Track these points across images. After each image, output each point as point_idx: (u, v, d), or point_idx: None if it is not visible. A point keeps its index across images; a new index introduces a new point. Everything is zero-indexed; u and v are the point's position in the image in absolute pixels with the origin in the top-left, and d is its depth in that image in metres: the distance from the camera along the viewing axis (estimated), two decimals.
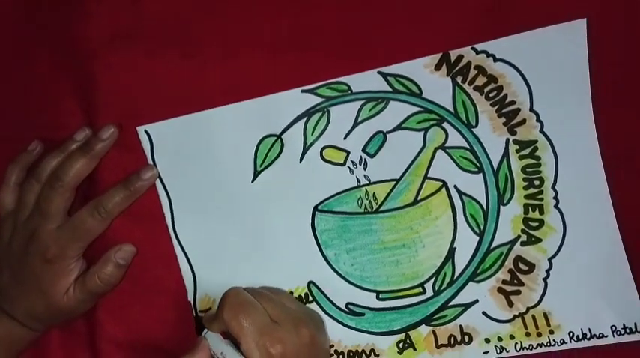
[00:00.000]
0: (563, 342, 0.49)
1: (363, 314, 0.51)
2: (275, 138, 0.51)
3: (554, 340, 0.49)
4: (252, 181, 0.51)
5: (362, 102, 0.50)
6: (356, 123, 0.50)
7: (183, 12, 0.51)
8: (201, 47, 0.50)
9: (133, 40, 0.51)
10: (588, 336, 0.49)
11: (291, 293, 0.52)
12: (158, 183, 0.52)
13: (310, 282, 0.52)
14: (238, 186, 0.51)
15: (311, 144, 0.50)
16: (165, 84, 0.51)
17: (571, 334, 0.49)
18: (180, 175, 0.52)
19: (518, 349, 0.50)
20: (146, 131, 0.52)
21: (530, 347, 0.49)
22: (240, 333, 0.44)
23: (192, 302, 0.53)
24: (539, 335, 0.49)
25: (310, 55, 0.49)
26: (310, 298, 0.52)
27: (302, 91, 0.50)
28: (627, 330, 0.48)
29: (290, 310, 0.47)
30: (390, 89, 0.49)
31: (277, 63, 0.50)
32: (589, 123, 0.47)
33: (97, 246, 0.52)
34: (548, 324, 0.49)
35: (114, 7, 0.51)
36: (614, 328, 0.48)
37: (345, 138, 0.50)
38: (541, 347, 0.49)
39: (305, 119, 0.50)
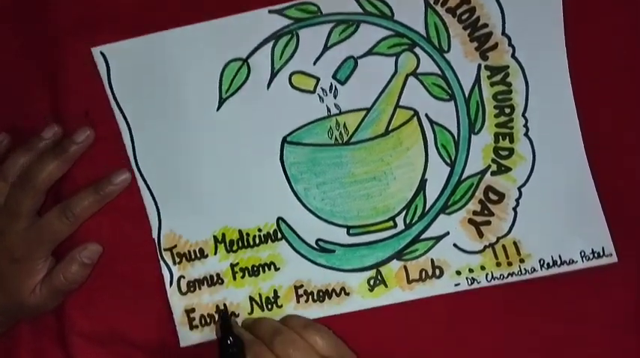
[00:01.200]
0: (534, 270, 0.49)
1: (333, 251, 0.49)
2: (241, 62, 0.48)
3: (525, 269, 0.49)
4: (218, 110, 0.48)
5: (332, 24, 0.48)
6: (326, 48, 0.48)
7: None
8: None
9: (99, 26, 0.49)
10: (559, 263, 0.49)
11: (260, 230, 0.49)
12: (116, 110, 0.49)
13: (279, 218, 0.49)
14: (203, 114, 0.48)
15: (279, 70, 0.48)
16: None
17: (541, 261, 0.49)
18: (140, 103, 0.49)
19: (489, 279, 0.49)
20: (102, 53, 0.48)
21: (502, 277, 0.49)
22: None
23: (156, 239, 0.50)
24: (509, 264, 0.49)
25: None
26: (279, 235, 0.49)
27: (269, 12, 0.47)
28: (596, 255, 0.48)
29: None
30: (360, 10, 0.47)
31: None
32: (560, 49, 0.47)
33: (66, 241, 0.50)
34: (519, 253, 0.49)
35: None
36: (583, 253, 0.48)
37: (314, 63, 0.48)
38: (512, 276, 0.49)
39: (273, 42, 0.48)
